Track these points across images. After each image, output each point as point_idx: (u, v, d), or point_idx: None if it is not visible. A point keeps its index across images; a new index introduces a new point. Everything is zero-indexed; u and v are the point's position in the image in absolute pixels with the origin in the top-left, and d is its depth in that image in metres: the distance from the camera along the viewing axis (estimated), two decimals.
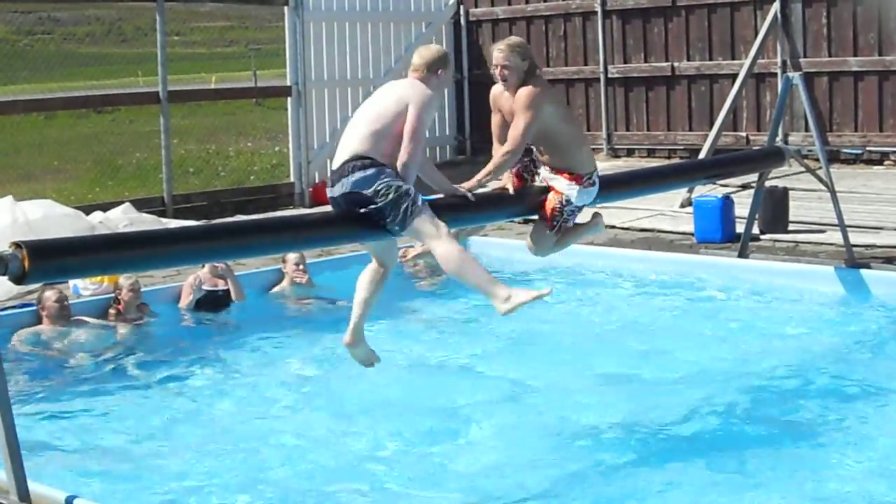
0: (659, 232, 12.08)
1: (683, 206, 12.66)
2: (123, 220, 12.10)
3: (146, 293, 9.18)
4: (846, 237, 9.73)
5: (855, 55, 14.34)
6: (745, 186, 12.63)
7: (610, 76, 16.33)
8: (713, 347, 8.16)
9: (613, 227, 12.31)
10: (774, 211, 11.36)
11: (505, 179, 6.89)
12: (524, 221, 7.33)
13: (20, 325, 8.64)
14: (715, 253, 10.68)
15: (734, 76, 14.66)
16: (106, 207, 12.80)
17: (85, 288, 9.73)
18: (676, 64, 15.76)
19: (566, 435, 6.60)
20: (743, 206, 10.93)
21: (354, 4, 16.44)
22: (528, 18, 17.16)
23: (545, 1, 17.01)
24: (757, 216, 10.48)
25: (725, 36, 15.40)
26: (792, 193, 11.67)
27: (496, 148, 6.76)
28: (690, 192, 12.59)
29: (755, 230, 10.73)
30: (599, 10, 16.26)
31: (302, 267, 9.70)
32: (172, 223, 12.47)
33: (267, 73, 26.77)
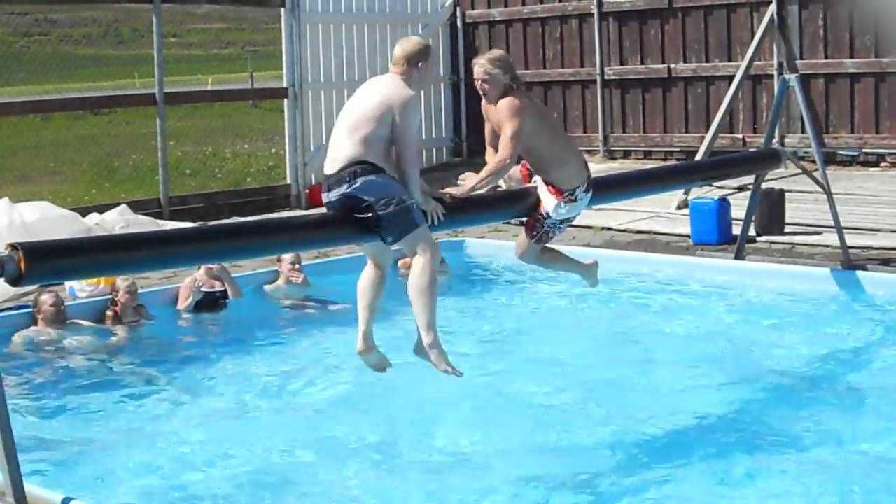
0: (655, 234, 12.08)
1: (680, 207, 12.67)
2: (120, 221, 12.10)
3: (142, 295, 9.19)
4: (842, 239, 9.74)
5: (851, 57, 14.35)
6: (741, 188, 12.65)
7: (606, 78, 16.33)
8: (708, 349, 8.16)
9: (610, 229, 12.32)
10: (771, 213, 11.37)
11: (514, 171, 6.94)
12: (521, 224, 7.37)
13: (16, 327, 8.64)
14: (711, 255, 10.70)
15: (731, 78, 14.66)
16: (102, 209, 12.81)
17: (81, 290, 9.73)
18: (673, 66, 15.77)
19: (555, 437, 6.61)
20: (739, 207, 10.94)
21: (351, 6, 16.44)
22: (524, 20, 17.15)
23: (542, 2, 17.00)
24: (753, 218, 10.49)
25: (722, 38, 15.41)
26: (788, 195, 11.67)
27: (489, 154, 6.79)
28: (687, 193, 12.59)
29: (751, 232, 10.74)
30: (596, 11, 16.26)
31: (297, 266, 9.74)
32: (169, 225, 12.47)
33: (263, 74, 26.80)
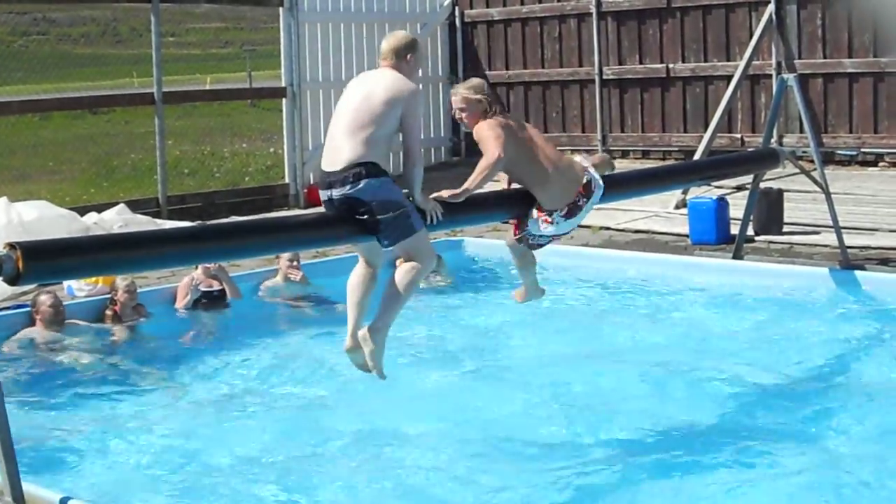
0: (654, 233, 12.09)
1: (678, 207, 12.67)
2: (118, 221, 12.09)
3: (141, 294, 9.19)
4: (841, 239, 9.74)
5: (850, 57, 14.35)
6: (739, 188, 12.65)
7: (605, 78, 16.33)
8: (707, 349, 8.17)
9: (608, 228, 12.33)
10: (769, 212, 11.37)
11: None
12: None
13: (14, 326, 8.63)
14: (709, 254, 10.70)
15: (729, 78, 14.67)
16: (101, 208, 12.80)
17: (80, 289, 9.72)
18: (671, 65, 15.77)
19: (553, 437, 6.61)
20: (738, 207, 10.95)
21: (349, 6, 16.43)
22: (522, 20, 17.15)
23: (540, 2, 17.00)
24: (752, 217, 10.50)
25: (720, 37, 15.41)
26: (786, 195, 11.68)
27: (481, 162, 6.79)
28: (685, 193, 12.60)
29: (750, 231, 10.74)
30: (594, 11, 16.26)
31: (296, 264, 9.76)
32: (167, 224, 12.47)
33: (262, 74, 26.76)
